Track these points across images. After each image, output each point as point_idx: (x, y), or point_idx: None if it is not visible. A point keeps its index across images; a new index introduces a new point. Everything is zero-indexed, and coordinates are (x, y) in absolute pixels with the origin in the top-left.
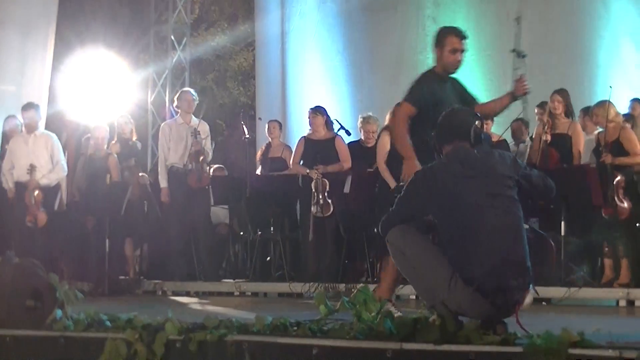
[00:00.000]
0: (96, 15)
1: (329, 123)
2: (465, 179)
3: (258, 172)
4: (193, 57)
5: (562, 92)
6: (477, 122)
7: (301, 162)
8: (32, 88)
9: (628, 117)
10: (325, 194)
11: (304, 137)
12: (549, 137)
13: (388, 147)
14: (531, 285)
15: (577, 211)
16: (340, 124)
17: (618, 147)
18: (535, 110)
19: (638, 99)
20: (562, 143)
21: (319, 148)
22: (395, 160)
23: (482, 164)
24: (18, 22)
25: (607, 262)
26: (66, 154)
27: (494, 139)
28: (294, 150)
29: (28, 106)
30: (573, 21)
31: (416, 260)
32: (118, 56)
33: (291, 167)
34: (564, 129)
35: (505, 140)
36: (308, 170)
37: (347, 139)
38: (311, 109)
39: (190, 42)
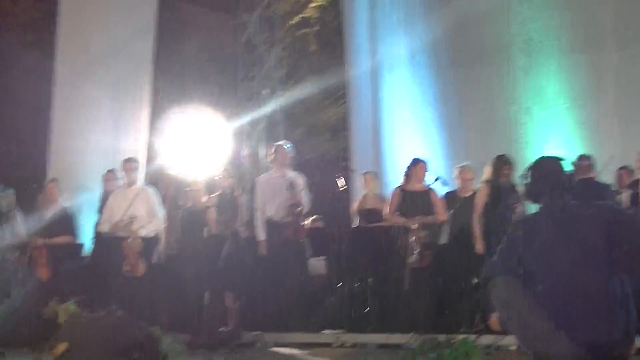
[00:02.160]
0: (188, 74)
1: None
2: (558, 234)
3: (355, 223)
4: (283, 111)
5: None
6: (567, 171)
7: (397, 213)
8: (128, 143)
9: None
10: (423, 245)
11: (400, 187)
12: None
13: (486, 199)
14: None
15: None
16: (437, 176)
17: None
18: (636, 157)
19: None
20: None
21: (415, 199)
22: (492, 213)
23: (575, 220)
24: (111, 81)
25: None
26: (164, 207)
27: None
28: (390, 201)
29: (129, 161)
30: None
31: (517, 311)
32: (212, 112)
33: (387, 217)
34: None
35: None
36: (406, 221)
37: (443, 190)
38: (422, 161)
39: (280, 96)
